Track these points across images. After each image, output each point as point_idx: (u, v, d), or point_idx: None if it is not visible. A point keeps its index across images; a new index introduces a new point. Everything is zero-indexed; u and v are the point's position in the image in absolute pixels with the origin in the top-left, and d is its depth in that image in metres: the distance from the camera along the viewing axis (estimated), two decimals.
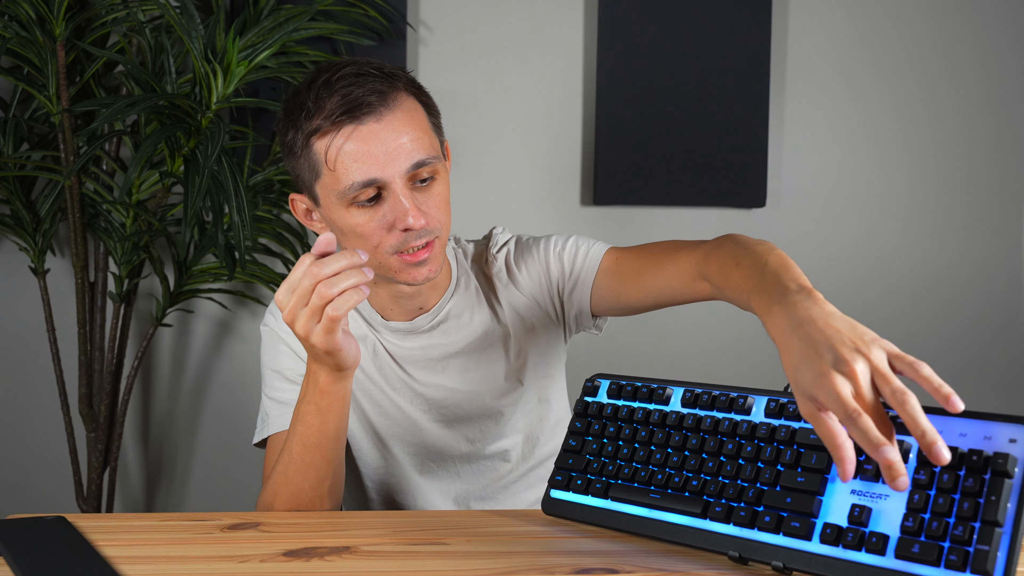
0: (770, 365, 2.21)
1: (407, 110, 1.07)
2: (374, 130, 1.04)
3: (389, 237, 1.06)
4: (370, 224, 1.07)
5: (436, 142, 1.10)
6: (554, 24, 2.15)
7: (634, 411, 0.92)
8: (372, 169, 1.04)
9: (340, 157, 1.05)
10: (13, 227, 1.92)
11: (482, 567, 0.81)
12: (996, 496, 0.68)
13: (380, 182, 1.05)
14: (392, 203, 1.05)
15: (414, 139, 1.06)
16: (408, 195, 1.05)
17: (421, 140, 1.06)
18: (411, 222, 1.05)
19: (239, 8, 2.00)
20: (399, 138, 1.05)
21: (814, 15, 2.19)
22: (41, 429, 2.12)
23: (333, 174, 1.05)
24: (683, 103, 2.12)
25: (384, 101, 1.05)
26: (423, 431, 1.21)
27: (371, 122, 1.04)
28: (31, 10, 1.77)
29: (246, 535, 0.90)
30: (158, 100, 1.67)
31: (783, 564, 0.76)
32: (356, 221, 1.07)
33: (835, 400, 0.71)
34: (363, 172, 1.04)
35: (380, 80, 1.05)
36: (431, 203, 1.08)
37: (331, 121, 1.04)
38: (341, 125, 1.04)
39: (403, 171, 1.05)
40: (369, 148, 1.04)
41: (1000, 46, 2.22)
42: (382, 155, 1.04)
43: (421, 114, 1.09)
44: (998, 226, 2.25)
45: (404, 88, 1.08)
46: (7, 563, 0.80)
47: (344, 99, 1.04)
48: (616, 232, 2.17)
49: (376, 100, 1.04)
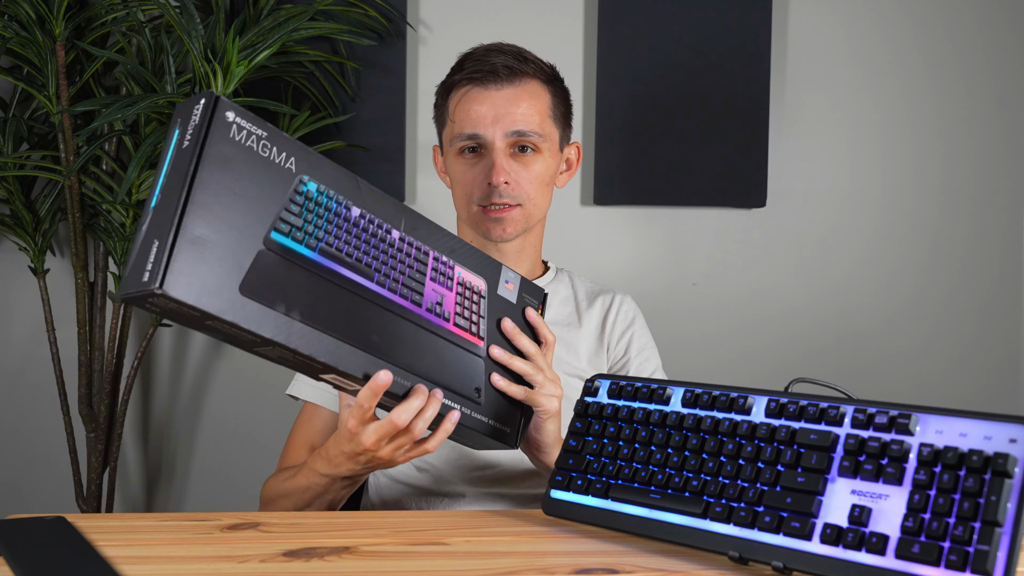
0: (770, 365, 2.21)
1: (530, 90, 1.25)
2: (492, 95, 1.23)
3: (478, 189, 1.23)
4: (468, 174, 1.25)
5: (551, 129, 1.27)
6: (554, 24, 2.15)
7: (634, 411, 0.92)
8: (479, 125, 1.22)
9: (459, 109, 1.25)
10: (13, 227, 1.92)
11: (482, 567, 0.81)
12: (996, 496, 0.68)
13: (482, 139, 1.23)
14: (487, 159, 1.23)
15: (525, 114, 1.23)
16: (503, 157, 1.23)
17: (531, 117, 1.23)
18: (496, 179, 1.21)
19: (239, 8, 1.99)
20: (511, 107, 1.22)
21: (814, 15, 2.19)
22: (41, 429, 2.11)
23: (452, 124, 1.26)
24: (683, 103, 2.12)
25: (511, 76, 1.23)
26: None
27: (493, 89, 1.23)
28: (31, 10, 1.77)
29: (246, 535, 0.90)
30: (158, 100, 1.67)
31: (783, 564, 0.76)
32: (460, 168, 1.25)
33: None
34: (471, 126, 1.23)
35: (514, 59, 1.24)
36: (523, 173, 1.24)
37: (464, 78, 1.24)
38: (470, 84, 1.24)
39: (504, 134, 1.22)
40: (483, 108, 1.23)
41: (1001, 45, 2.22)
42: (491, 117, 1.22)
43: (544, 100, 1.26)
44: (999, 225, 2.25)
45: (535, 74, 1.26)
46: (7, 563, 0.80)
47: (479, 65, 1.23)
48: (616, 232, 2.17)
49: (504, 73, 1.23)
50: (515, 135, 1.22)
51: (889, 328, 2.21)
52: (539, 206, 1.27)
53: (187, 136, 0.78)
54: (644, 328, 1.39)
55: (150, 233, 0.75)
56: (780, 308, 2.21)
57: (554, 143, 1.28)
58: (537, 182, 1.25)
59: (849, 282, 2.22)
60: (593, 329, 1.35)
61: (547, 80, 1.28)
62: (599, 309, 1.36)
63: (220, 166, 0.78)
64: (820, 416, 0.81)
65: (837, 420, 0.80)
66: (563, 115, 1.31)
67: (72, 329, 1.99)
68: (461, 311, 0.96)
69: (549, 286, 1.37)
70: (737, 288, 2.21)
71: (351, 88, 2.05)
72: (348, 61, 2.02)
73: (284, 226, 0.82)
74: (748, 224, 2.20)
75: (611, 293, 1.39)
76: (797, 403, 0.83)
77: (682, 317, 2.19)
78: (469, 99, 1.24)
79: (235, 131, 0.79)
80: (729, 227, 2.19)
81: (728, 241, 2.20)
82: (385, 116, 2.08)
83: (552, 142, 1.28)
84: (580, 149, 1.37)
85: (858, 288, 2.22)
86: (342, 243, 0.86)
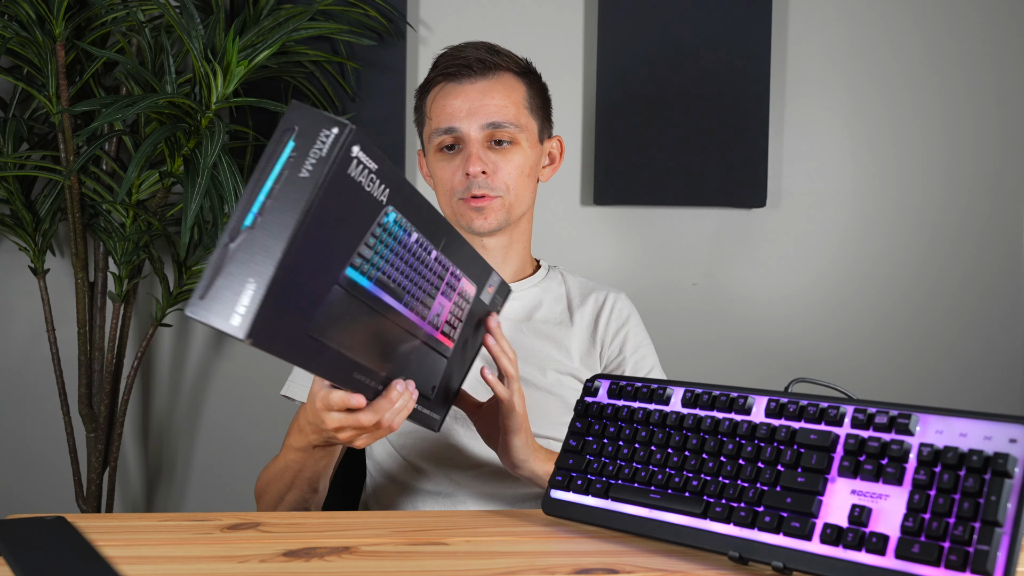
0: (770, 365, 2.21)
1: (504, 82, 1.25)
2: (466, 89, 1.24)
3: (458, 183, 1.24)
4: (447, 169, 1.25)
5: (527, 120, 1.27)
6: (554, 24, 2.15)
7: (634, 411, 0.92)
8: (454, 119, 1.23)
9: (435, 106, 1.26)
10: (13, 227, 1.92)
11: (482, 567, 0.81)
12: (996, 496, 0.68)
13: (458, 132, 1.23)
14: (465, 152, 1.23)
15: (500, 105, 1.23)
16: (480, 149, 1.23)
17: (506, 108, 1.24)
18: (471, 169, 1.21)
19: (239, 8, 1.99)
20: (485, 99, 1.23)
21: (814, 15, 2.19)
22: (41, 429, 2.11)
23: (430, 121, 1.26)
24: (683, 103, 2.12)
25: (484, 69, 1.24)
26: None
27: (467, 82, 1.24)
28: (31, 10, 1.77)
29: (246, 535, 0.90)
30: (158, 100, 1.67)
31: (783, 564, 0.76)
32: (439, 166, 1.26)
33: None
34: (447, 120, 1.23)
35: (486, 51, 1.25)
36: (501, 164, 1.24)
37: (438, 75, 1.26)
38: (444, 80, 1.25)
39: (479, 126, 1.22)
40: (458, 102, 1.23)
41: (1001, 46, 2.22)
42: (466, 110, 1.22)
43: (519, 92, 1.27)
44: (998, 225, 2.25)
45: (508, 66, 1.26)
46: (7, 563, 0.80)
47: (452, 61, 1.25)
48: (616, 232, 2.17)
49: (477, 67, 1.24)
50: (490, 127, 1.23)
51: (889, 328, 2.21)
52: (520, 198, 1.27)
53: (307, 163, 0.71)
54: (639, 326, 1.38)
55: (243, 263, 0.70)
56: (780, 308, 2.21)
57: (532, 134, 1.28)
58: (516, 173, 1.25)
59: (849, 282, 2.22)
60: (585, 327, 1.34)
61: (521, 72, 1.28)
62: (591, 307, 1.35)
63: (332, 204, 0.73)
64: (820, 416, 0.81)
65: (837, 420, 0.80)
66: (540, 107, 1.31)
67: (72, 329, 1.99)
68: (451, 318, 0.95)
69: (541, 284, 1.36)
70: (737, 288, 2.21)
71: (351, 88, 2.05)
72: (348, 61, 2.02)
73: (359, 260, 0.78)
74: (748, 224, 2.20)
75: (604, 291, 1.38)
76: (797, 403, 0.83)
77: (682, 317, 2.19)
78: (444, 94, 1.25)
79: (354, 166, 0.74)
80: (729, 227, 2.19)
81: (728, 241, 2.20)
82: (385, 116, 2.08)
83: (530, 133, 1.27)
84: (562, 142, 1.37)
85: (858, 288, 2.22)
86: (394, 271, 0.84)
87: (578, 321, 1.34)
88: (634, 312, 1.39)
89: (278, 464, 1.09)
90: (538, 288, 1.36)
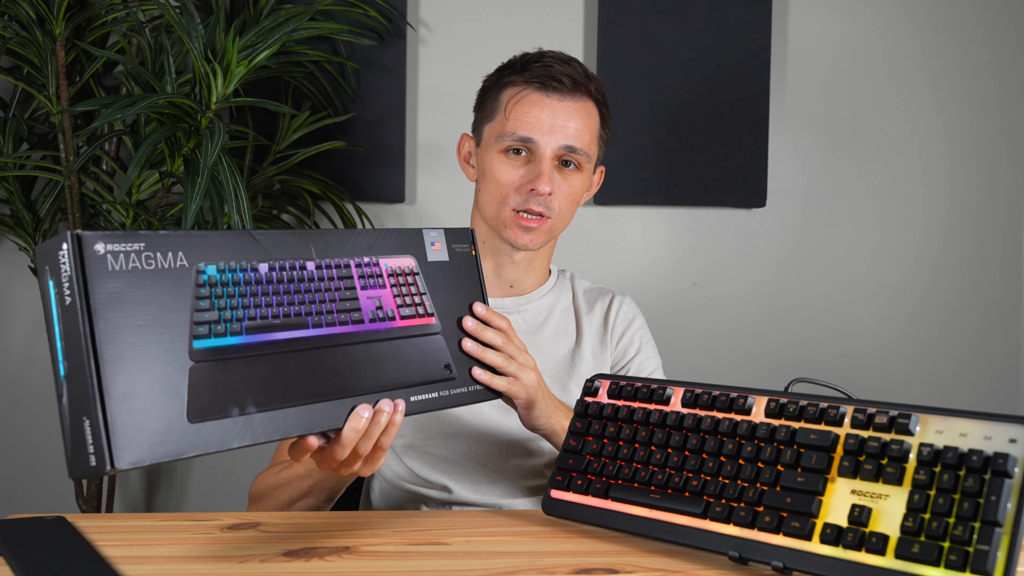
0: (770, 365, 2.21)
1: (586, 108, 1.25)
2: (553, 104, 1.23)
3: (517, 193, 1.23)
4: (509, 175, 1.23)
5: (594, 150, 1.28)
6: (554, 24, 2.15)
7: (634, 411, 0.92)
8: (534, 130, 1.22)
9: (516, 108, 1.23)
10: (13, 227, 1.92)
11: (482, 567, 0.81)
12: (996, 496, 0.68)
13: (533, 144, 1.22)
14: (534, 165, 1.22)
15: (579, 130, 1.23)
16: (550, 167, 1.22)
17: (583, 135, 1.24)
18: (541, 187, 1.21)
19: (239, 8, 1.99)
20: (568, 121, 1.23)
21: (814, 15, 2.19)
22: (41, 429, 2.11)
23: (505, 121, 1.24)
24: (683, 103, 2.12)
25: (574, 89, 1.24)
26: None
27: (555, 97, 1.23)
28: (31, 10, 1.77)
29: (246, 535, 0.90)
30: (158, 100, 1.67)
31: (783, 564, 0.76)
32: (500, 168, 1.24)
33: None
34: (526, 129, 1.22)
35: (579, 74, 1.24)
36: (562, 188, 1.24)
37: (526, 80, 1.24)
38: (531, 86, 1.24)
39: (557, 145, 1.22)
40: (542, 114, 1.22)
41: (1001, 46, 2.22)
42: (548, 125, 1.22)
43: (595, 121, 1.27)
44: (998, 225, 2.25)
45: (591, 94, 1.26)
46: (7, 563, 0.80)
47: (546, 70, 1.23)
48: (616, 232, 2.17)
49: (568, 84, 1.23)
50: (565, 149, 1.23)
51: (889, 328, 2.21)
52: (564, 220, 1.28)
53: (65, 290, 0.71)
54: (644, 328, 1.39)
55: (75, 409, 0.70)
56: (780, 308, 2.21)
57: (592, 163, 1.30)
58: (570, 198, 1.26)
59: (849, 282, 2.22)
60: (595, 333, 1.36)
61: (601, 103, 1.29)
62: (599, 312, 1.37)
63: (114, 308, 0.71)
64: (820, 416, 0.81)
65: (837, 420, 0.80)
66: (604, 140, 1.32)
67: None
68: (402, 301, 0.92)
69: (549, 295, 1.36)
70: (737, 288, 2.21)
71: (351, 88, 2.05)
72: (348, 61, 2.02)
73: (202, 328, 0.76)
74: (748, 224, 2.20)
75: (610, 294, 1.39)
76: (797, 403, 0.83)
77: (682, 317, 2.19)
78: (529, 102, 1.23)
79: (111, 261, 0.72)
80: (729, 227, 2.19)
81: (728, 241, 2.20)
82: (385, 116, 2.08)
83: (591, 163, 1.29)
84: (603, 172, 1.37)
85: (858, 288, 2.22)
86: (263, 308, 0.81)
87: (587, 329, 1.35)
88: (639, 314, 1.40)
89: (295, 470, 1.08)
90: (547, 299, 1.37)
